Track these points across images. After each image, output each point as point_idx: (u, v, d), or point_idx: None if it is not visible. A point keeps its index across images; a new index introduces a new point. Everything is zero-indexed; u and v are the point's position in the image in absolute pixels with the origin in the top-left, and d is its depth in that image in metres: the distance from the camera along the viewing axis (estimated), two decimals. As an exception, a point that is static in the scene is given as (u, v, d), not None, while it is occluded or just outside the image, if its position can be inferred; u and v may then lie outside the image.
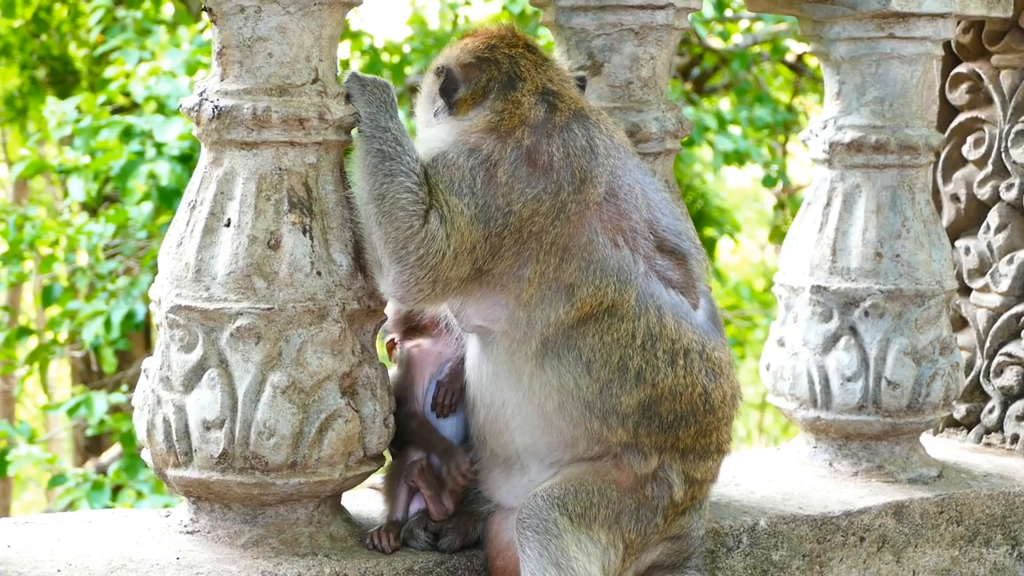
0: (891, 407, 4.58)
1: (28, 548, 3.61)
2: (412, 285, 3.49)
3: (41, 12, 12.99)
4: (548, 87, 3.59)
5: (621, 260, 3.47)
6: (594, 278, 3.45)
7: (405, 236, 3.46)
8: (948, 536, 4.51)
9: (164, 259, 3.63)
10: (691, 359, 3.50)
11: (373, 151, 3.53)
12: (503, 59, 3.61)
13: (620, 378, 3.46)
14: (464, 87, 3.60)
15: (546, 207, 3.45)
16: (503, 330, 3.51)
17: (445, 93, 3.62)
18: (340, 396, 3.56)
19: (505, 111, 3.53)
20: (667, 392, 3.48)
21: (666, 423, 3.49)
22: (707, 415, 3.54)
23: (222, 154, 3.58)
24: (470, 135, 3.53)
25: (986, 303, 5.28)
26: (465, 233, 3.44)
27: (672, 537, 3.60)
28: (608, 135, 3.58)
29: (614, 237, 3.48)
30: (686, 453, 3.54)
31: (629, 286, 3.46)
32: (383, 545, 3.64)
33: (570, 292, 3.44)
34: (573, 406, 3.48)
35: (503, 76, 3.59)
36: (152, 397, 3.60)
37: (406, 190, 3.47)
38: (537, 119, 3.52)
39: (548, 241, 3.45)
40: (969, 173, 5.36)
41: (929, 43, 4.59)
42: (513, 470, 3.63)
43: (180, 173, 9.26)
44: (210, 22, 3.62)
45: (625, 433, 3.48)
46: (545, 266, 3.45)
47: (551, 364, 3.47)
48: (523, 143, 3.48)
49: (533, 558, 3.42)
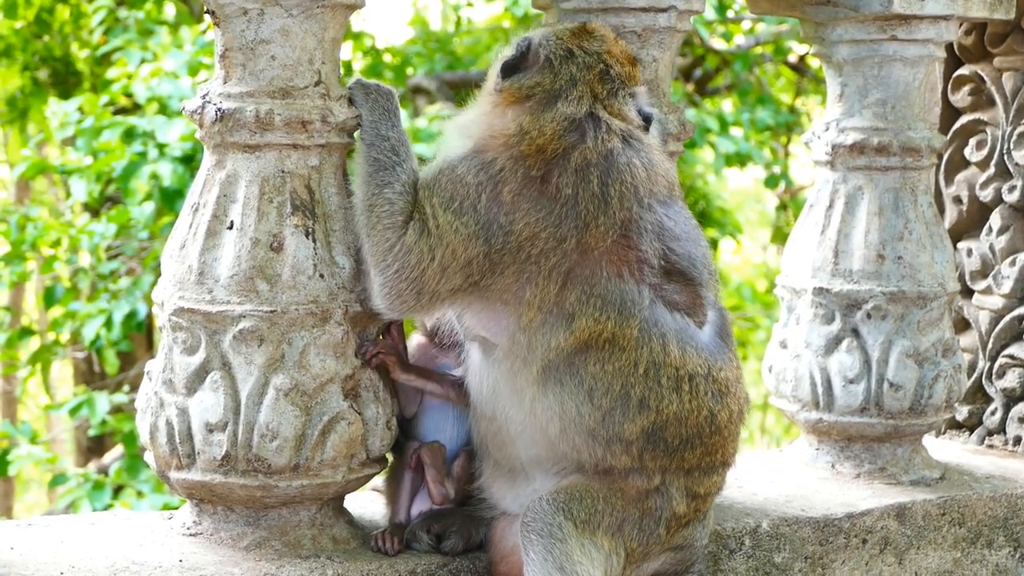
0: (893, 409, 4.58)
1: (31, 550, 3.61)
2: (395, 296, 3.48)
3: (43, 13, 12.99)
4: (594, 114, 3.49)
5: (624, 293, 3.40)
6: (594, 310, 3.38)
7: (384, 248, 3.48)
8: (950, 538, 4.51)
9: (167, 262, 3.64)
10: (696, 383, 3.44)
11: (370, 159, 3.54)
12: (568, 69, 3.52)
13: (623, 406, 3.41)
14: (515, 77, 3.54)
15: (547, 233, 3.39)
16: (505, 349, 3.47)
17: (508, 70, 3.55)
18: (343, 398, 3.56)
19: (528, 134, 3.45)
20: (672, 418, 3.44)
21: (671, 447, 3.46)
22: (713, 436, 3.50)
23: (225, 156, 3.58)
24: (487, 147, 3.47)
25: (988, 305, 5.28)
26: (458, 249, 3.41)
27: (675, 548, 3.59)
28: (631, 185, 3.44)
29: (619, 269, 3.40)
30: (691, 472, 3.51)
31: (631, 319, 3.39)
32: (386, 547, 3.64)
33: (569, 320, 3.39)
34: (576, 432, 3.44)
35: (550, 89, 3.51)
36: (155, 399, 3.61)
37: (388, 203, 3.48)
38: (557, 151, 3.43)
39: (548, 267, 3.39)
40: (971, 175, 5.37)
41: (931, 45, 4.59)
42: (518, 480, 3.62)
43: (182, 174, 9.26)
44: (212, 24, 3.62)
45: (629, 459, 3.45)
46: (545, 292, 3.40)
47: (553, 390, 3.43)
48: (532, 173, 3.41)
49: (537, 562, 3.42)
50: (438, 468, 3.71)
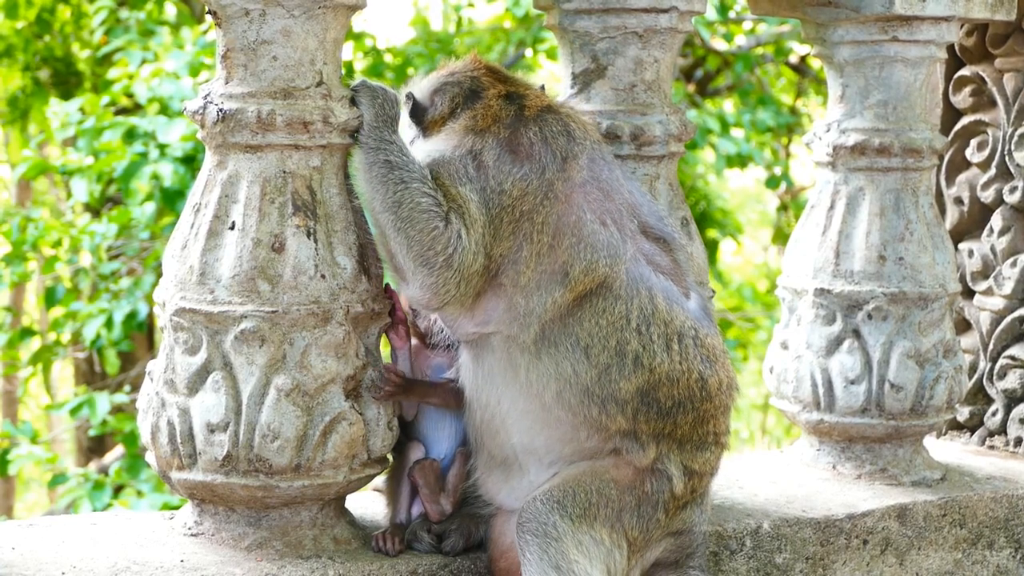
0: (894, 410, 4.59)
1: (32, 550, 3.62)
2: (440, 287, 3.51)
3: (44, 13, 12.99)
4: (512, 92, 3.70)
5: (610, 237, 3.53)
6: (585, 253, 3.50)
7: (431, 238, 3.50)
8: (951, 539, 4.51)
9: (168, 262, 3.64)
10: (685, 344, 3.53)
11: (380, 162, 3.55)
12: (463, 79, 3.74)
13: (619, 363, 3.48)
14: (431, 110, 3.73)
15: (534, 186, 3.52)
16: (497, 327, 3.53)
17: (415, 117, 3.74)
18: (344, 399, 3.57)
19: (477, 115, 3.63)
20: (664, 377, 3.50)
21: (664, 409, 3.51)
22: (704, 402, 3.55)
23: (226, 157, 3.59)
24: (450, 140, 3.62)
25: (989, 306, 5.28)
26: (479, 222, 3.51)
27: (674, 532, 3.61)
28: (580, 125, 3.68)
29: (601, 217, 3.54)
30: (683, 443, 3.54)
31: (619, 261, 3.52)
32: (387, 548, 3.65)
33: (564, 272, 3.49)
34: (572, 394, 3.50)
35: (465, 91, 3.70)
36: (156, 400, 3.61)
37: (423, 194, 3.51)
38: (509, 116, 3.62)
39: (540, 220, 3.50)
40: (972, 176, 5.37)
41: (933, 46, 4.59)
42: (512, 472, 3.64)
43: (183, 174, 9.26)
44: (214, 24, 3.62)
45: (624, 420, 3.49)
46: (539, 246, 3.50)
47: (548, 353, 3.50)
48: (500, 135, 3.58)
49: (533, 562, 3.43)
50: (431, 487, 3.71)
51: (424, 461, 3.73)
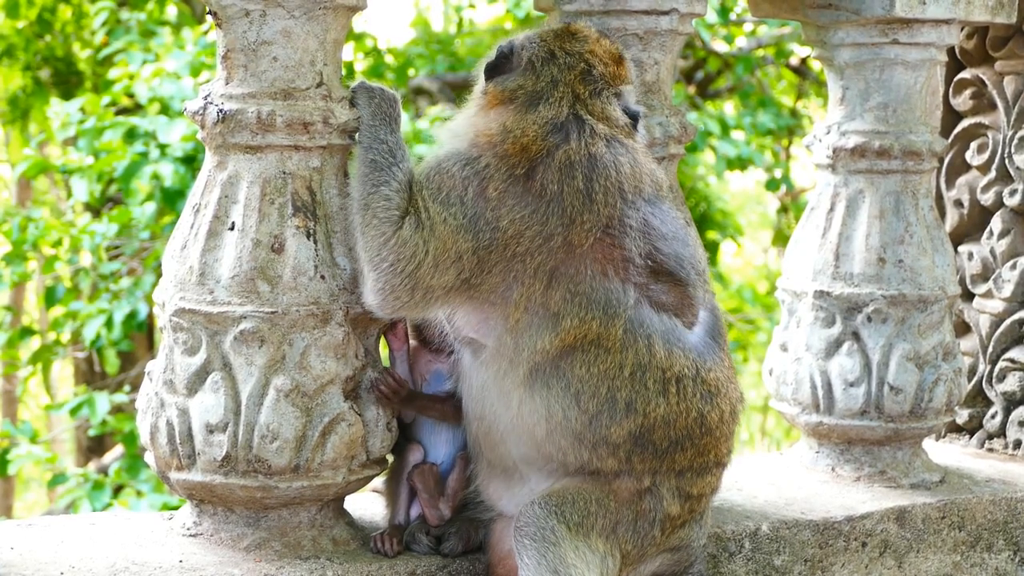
0: (894, 412, 4.59)
1: (31, 550, 3.62)
2: (388, 292, 3.47)
3: (45, 13, 13.00)
4: (577, 115, 3.52)
5: (609, 292, 3.40)
6: (579, 309, 3.39)
7: (379, 243, 3.46)
8: (950, 541, 4.51)
9: (168, 262, 3.64)
10: (684, 385, 3.45)
11: (367, 161, 3.55)
12: (550, 71, 3.55)
13: (609, 409, 3.41)
14: (498, 80, 3.57)
15: (532, 231, 3.41)
16: (493, 350, 3.48)
17: (487, 71, 3.60)
18: (343, 400, 3.57)
19: (511, 133, 3.48)
20: (660, 420, 3.44)
21: (660, 449, 3.46)
22: (703, 437, 3.50)
23: (226, 158, 3.59)
24: (474, 145, 3.51)
25: (989, 308, 5.28)
26: (448, 241, 3.42)
27: (672, 549, 3.58)
28: (616, 181, 3.46)
29: (604, 268, 3.42)
30: (682, 473, 3.51)
31: (616, 319, 3.39)
32: (386, 549, 3.65)
33: (555, 321, 3.40)
34: (562, 436, 3.45)
35: (532, 90, 3.55)
36: (156, 400, 3.61)
37: (384, 198, 3.48)
38: (540, 151, 3.45)
39: (534, 266, 3.40)
40: (972, 179, 5.37)
41: (933, 49, 4.60)
42: (513, 480, 3.62)
43: (183, 174, 9.27)
44: (215, 25, 3.63)
45: (616, 462, 3.45)
46: (531, 291, 3.40)
47: (540, 392, 3.44)
48: (517, 170, 3.44)
49: (531, 566, 3.41)
50: (430, 492, 3.71)
51: (424, 465, 3.72)
